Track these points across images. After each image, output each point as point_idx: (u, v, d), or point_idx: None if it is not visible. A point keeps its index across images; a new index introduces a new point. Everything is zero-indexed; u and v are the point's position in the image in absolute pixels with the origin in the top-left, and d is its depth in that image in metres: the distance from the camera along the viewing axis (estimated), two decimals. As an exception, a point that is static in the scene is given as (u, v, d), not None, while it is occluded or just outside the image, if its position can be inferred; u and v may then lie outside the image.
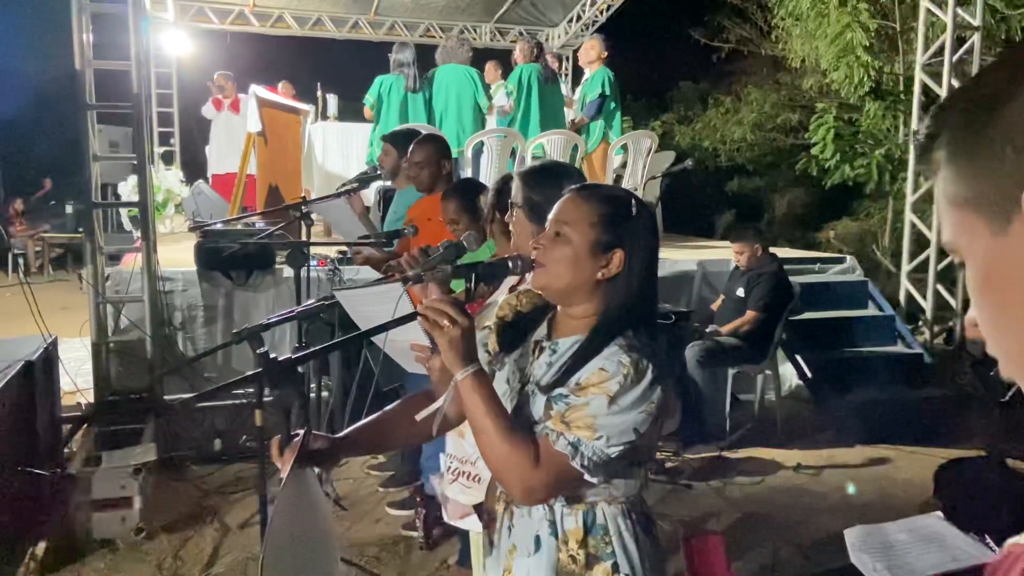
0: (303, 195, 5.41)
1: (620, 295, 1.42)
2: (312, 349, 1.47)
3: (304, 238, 3.52)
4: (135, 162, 4.49)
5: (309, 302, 2.96)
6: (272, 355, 1.42)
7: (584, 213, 1.43)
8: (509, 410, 1.43)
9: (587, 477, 1.32)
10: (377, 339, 2.08)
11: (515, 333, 1.55)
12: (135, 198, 7.01)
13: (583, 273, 1.42)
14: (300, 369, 2.78)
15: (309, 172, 6.77)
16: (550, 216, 1.48)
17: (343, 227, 3.66)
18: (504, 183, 2.48)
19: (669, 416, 1.38)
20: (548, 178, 2.04)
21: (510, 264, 1.52)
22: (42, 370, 3.70)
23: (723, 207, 14.55)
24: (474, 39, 10.41)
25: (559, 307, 1.49)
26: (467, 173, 5.78)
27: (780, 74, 12.58)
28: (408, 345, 1.87)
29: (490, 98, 6.13)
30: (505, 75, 7.03)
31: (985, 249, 0.58)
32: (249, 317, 4.63)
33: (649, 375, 1.31)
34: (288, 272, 4.80)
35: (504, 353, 1.53)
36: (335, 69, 10.83)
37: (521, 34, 10.88)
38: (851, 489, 4.29)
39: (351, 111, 8.05)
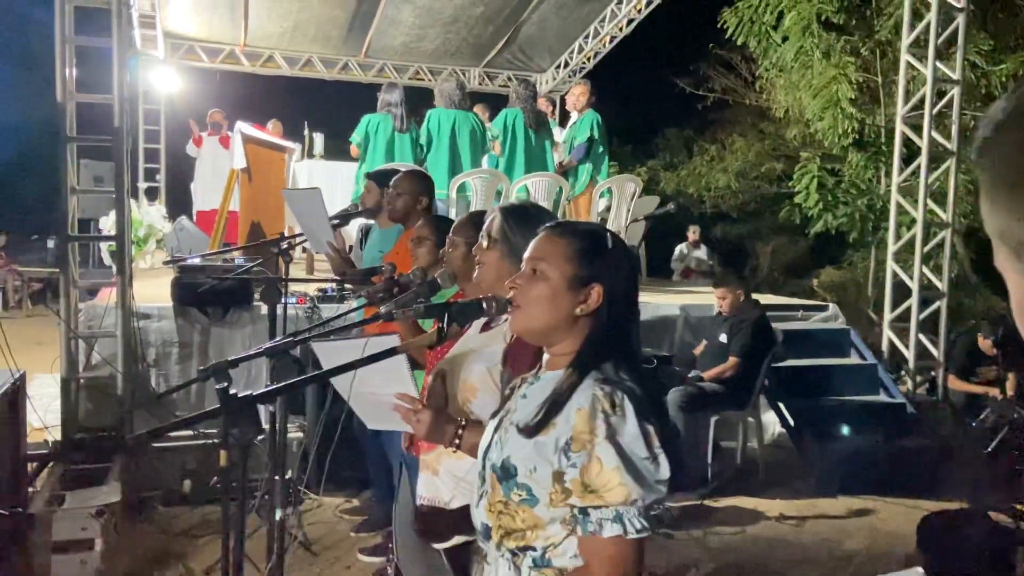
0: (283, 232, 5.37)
1: (599, 331, 1.38)
2: (273, 387, 1.41)
3: (282, 274, 3.47)
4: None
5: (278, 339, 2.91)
6: (233, 392, 1.37)
7: (560, 248, 1.40)
8: (483, 447, 1.40)
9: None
10: (342, 389, 2.02)
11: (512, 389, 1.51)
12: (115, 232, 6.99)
13: (561, 310, 1.38)
14: (271, 408, 2.71)
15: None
16: (526, 255, 1.45)
17: (314, 226, 3.57)
18: (473, 219, 2.46)
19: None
20: (529, 219, 2.02)
21: (484, 305, 1.48)
22: (7, 406, 3.59)
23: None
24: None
25: (538, 345, 1.46)
26: (452, 213, 5.77)
27: (764, 123, 12.79)
28: (378, 399, 1.80)
29: (491, 138, 6.15)
30: (493, 117, 7.08)
31: (1014, 282, 0.58)
32: (225, 354, 4.55)
33: (628, 408, 1.27)
34: (265, 309, 4.77)
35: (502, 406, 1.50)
36: (323, 108, 10.91)
37: (510, 79, 11.01)
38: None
39: (337, 150, 8.06)
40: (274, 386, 1.42)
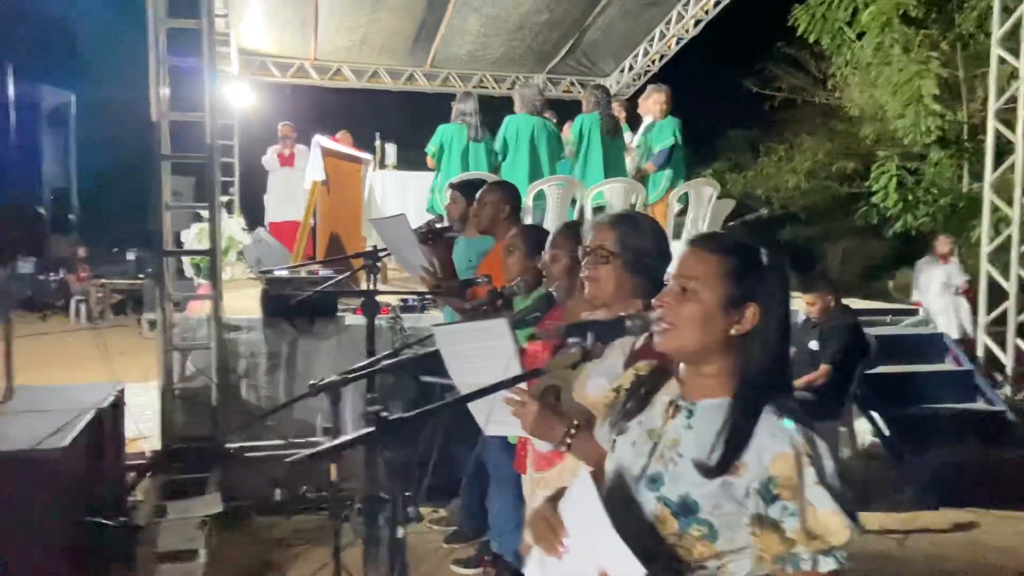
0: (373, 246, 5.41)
1: (758, 353, 1.34)
2: (426, 408, 1.39)
3: (371, 286, 3.49)
4: (204, 211, 4.55)
5: (382, 353, 2.92)
6: (384, 413, 1.35)
7: (712, 266, 1.35)
8: (636, 472, 1.36)
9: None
10: (461, 387, 2.01)
11: (639, 398, 1.47)
12: (198, 245, 7.16)
13: (714, 331, 1.34)
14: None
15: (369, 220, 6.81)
16: (672, 271, 1.41)
17: (404, 252, 3.58)
18: (570, 229, 2.42)
19: None
20: (643, 230, 1.97)
21: (628, 323, 1.44)
22: (110, 418, 3.70)
23: (776, 256, 14.34)
24: (528, 89, 10.51)
25: (687, 365, 1.41)
26: (528, 221, 5.75)
27: (835, 122, 12.46)
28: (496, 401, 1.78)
29: (568, 144, 6.12)
30: (560, 124, 7.04)
31: None
32: (312, 364, 4.61)
33: (822, 446, 1.26)
34: (349, 320, 4.82)
35: (627, 419, 1.46)
36: (391, 119, 11.03)
37: (573, 84, 10.97)
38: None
39: (407, 159, 8.15)
40: (424, 408, 1.39)
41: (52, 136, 3.80)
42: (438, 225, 4.06)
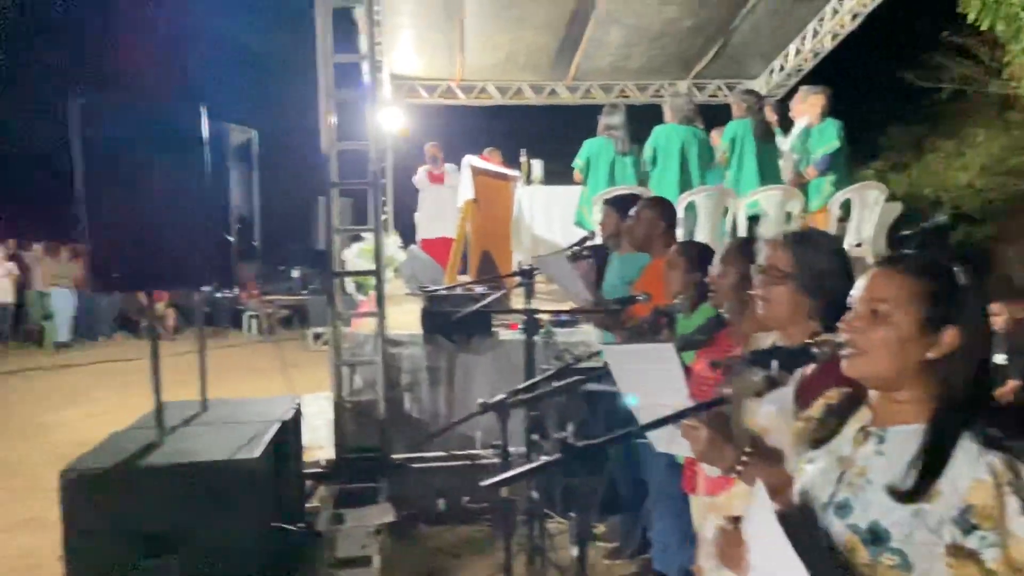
0: (530, 264, 5.52)
1: (956, 378, 1.27)
2: (610, 436, 1.41)
3: (529, 304, 3.57)
4: (364, 232, 4.81)
5: (541, 368, 2.97)
6: (569, 440, 1.39)
7: (905, 288, 1.30)
8: (824, 499, 1.33)
9: None
10: (634, 405, 2.03)
11: (829, 426, 1.43)
12: (359, 264, 7.56)
13: (909, 356, 1.28)
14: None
15: (518, 236, 6.95)
16: (858, 293, 1.36)
17: (568, 286, 3.66)
18: (742, 245, 2.37)
19: None
20: (819, 248, 1.91)
21: (815, 350, 1.41)
22: (291, 429, 3.97)
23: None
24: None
25: (877, 391, 1.37)
26: (679, 234, 5.68)
27: (1011, 113, 11.47)
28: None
29: (721, 151, 6.01)
30: (707, 129, 6.89)
31: None
32: (470, 379, 4.76)
33: (1022, 471, 1.17)
34: (504, 335, 4.94)
35: (816, 447, 1.43)
36: (535, 134, 11.18)
37: (720, 88, 10.72)
38: None
39: (553, 173, 8.24)
40: (611, 436, 1.42)
41: (237, 169, 4.15)
42: (590, 243, 4.11)
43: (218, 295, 12.68)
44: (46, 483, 5.49)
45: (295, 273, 13.06)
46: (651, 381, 1.97)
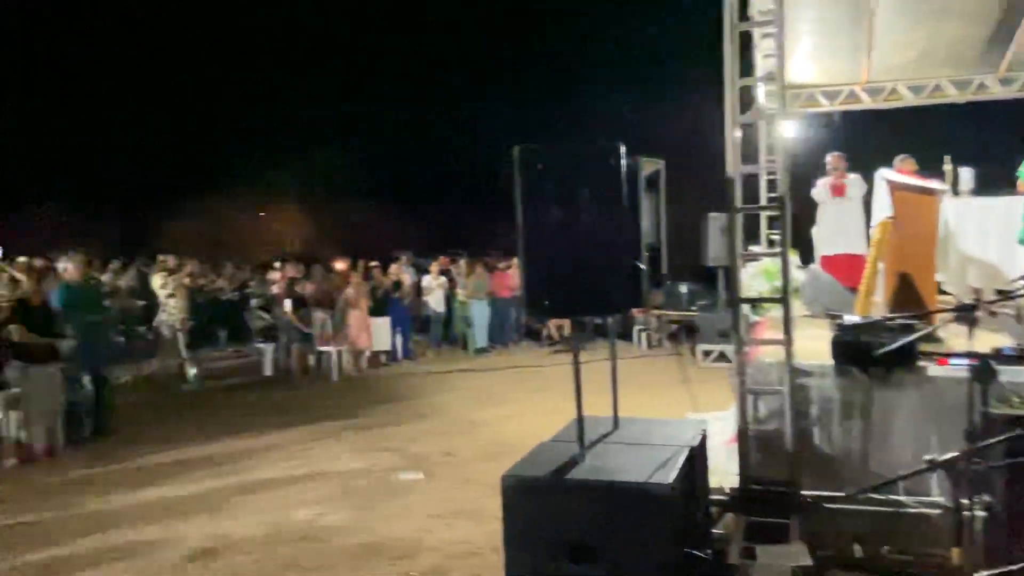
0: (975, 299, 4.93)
1: None
2: None
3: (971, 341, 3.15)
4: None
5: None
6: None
7: None
8: None
9: None
10: None
11: None
12: (753, 285, 7.40)
13: None
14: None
15: (944, 257, 6.20)
16: None
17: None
18: None
19: None
20: None
21: None
22: (699, 455, 4.02)
23: None
24: None
25: None
26: None
27: None
28: None
29: None
30: None
31: None
32: (890, 418, 4.37)
33: None
34: (932, 371, 4.42)
35: None
36: (955, 136, 9.92)
37: None
38: None
39: (985, 183, 7.21)
40: None
41: (648, 199, 4.33)
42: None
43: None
44: (478, 476, 6.35)
45: (683, 288, 13.25)
46: None
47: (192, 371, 11.52)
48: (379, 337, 12.74)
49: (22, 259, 12.84)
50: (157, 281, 12.54)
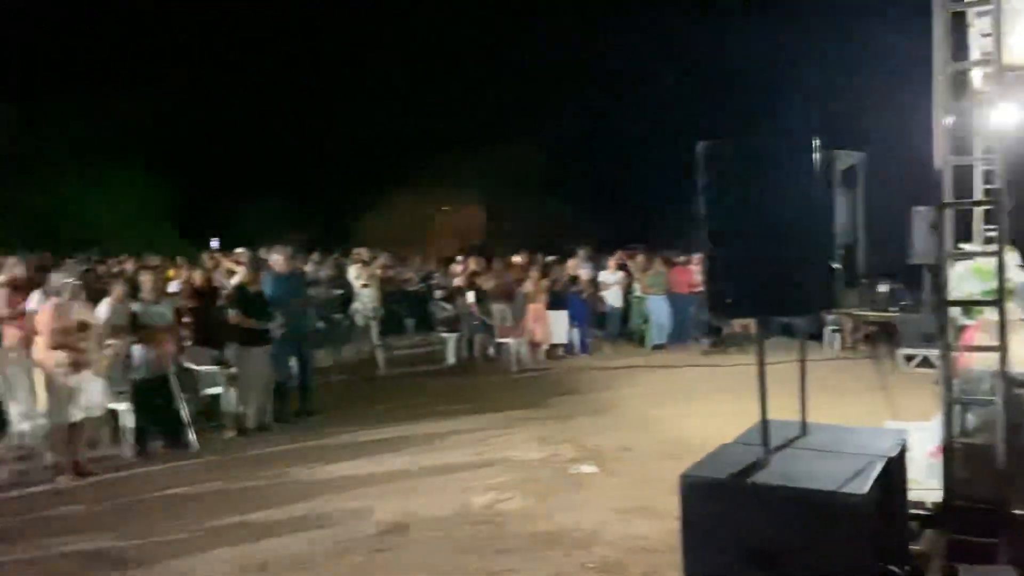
0: None
1: None
2: None
3: None
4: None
5: None
6: None
7: None
8: None
9: None
10: None
11: None
12: (963, 286, 6.79)
13: None
14: None
15: None
16: None
17: None
18: None
19: None
20: None
21: None
22: (897, 466, 3.77)
23: None
24: None
25: None
26: None
27: None
28: None
29: None
30: None
31: None
32: None
33: None
34: None
35: None
36: None
37: None
38: None
39: None
40: None
41: (843, 195, 4.11)
42: None
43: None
44: (656, 474, 6.31)
45: (882, 287, 12.31)
46: None
47: (382, 357, 12.27)
48: (557, 330, 12.94)
49: (240, 250, 14.26)
50: (353, 272, 13.49)
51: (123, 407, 7.41)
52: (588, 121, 28.46)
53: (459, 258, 16.34)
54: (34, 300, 7.78)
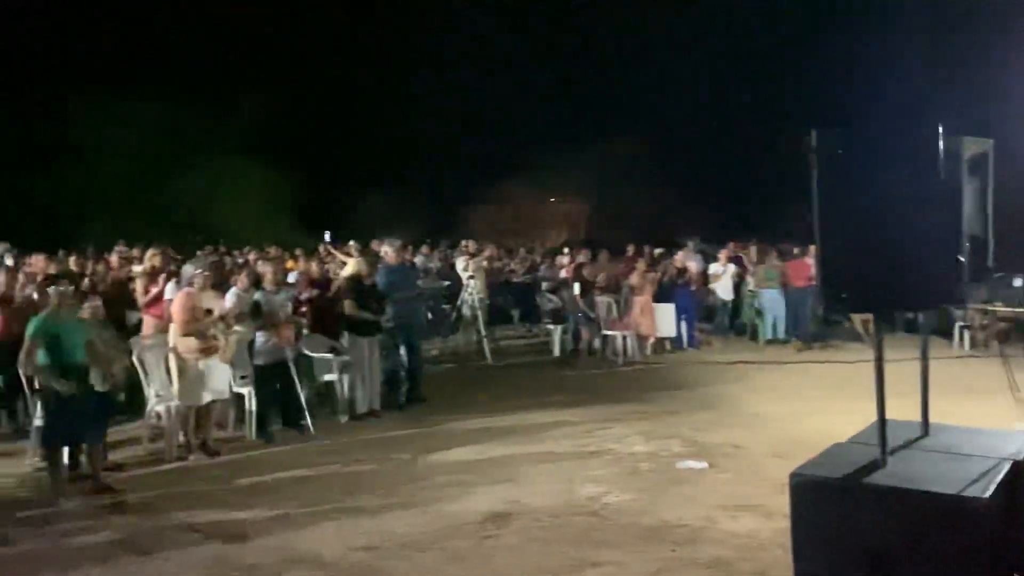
0: None
1: None
2: None
3: None
4: None
5: None
6: None
7: None
8: None
9: None
10: None
11: None
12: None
13: None
14: None
15: None
16: None
17: None
18: None
19: None
20: None
21: None
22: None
23: None
24: None
25: None
26: None
27: None
28: None
29: None
30: None
31: None
32: None
33: None
34: None
35: None
36: None
37: None
38: None
39: None
40: None
41: (971, 184, 3.88)
42: None
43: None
44: (766, 472, 6.14)
45: (1017, 282, 11.46)
46: None
47: (489, 348, 12.44)
48: (663, 324, 12.75)
49: (351, 243, 14.79)
50: (460, 264, 13.73)
51: (247, 391, 7.83)
52: (698, 110, 27.87)
53: (565, 250, 16.36)
54: (169, 290, 8.36)
